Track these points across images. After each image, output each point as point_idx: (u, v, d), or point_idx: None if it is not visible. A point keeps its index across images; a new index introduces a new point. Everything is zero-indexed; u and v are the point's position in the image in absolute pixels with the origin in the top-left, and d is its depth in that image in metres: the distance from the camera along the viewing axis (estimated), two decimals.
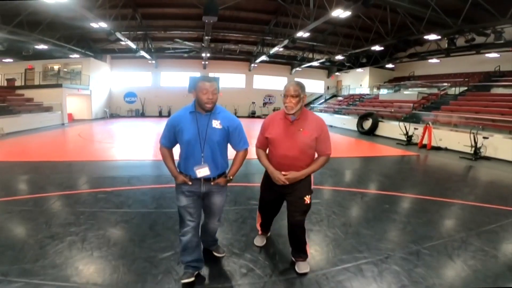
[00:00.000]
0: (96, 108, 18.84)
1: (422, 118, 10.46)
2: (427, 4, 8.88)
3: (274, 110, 22.88)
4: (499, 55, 12.72)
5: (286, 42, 13.04)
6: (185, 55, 18.78)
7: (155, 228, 3.07)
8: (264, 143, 2.20)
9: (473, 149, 7.97)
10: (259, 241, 2.70)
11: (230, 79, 22.12)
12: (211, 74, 21.63)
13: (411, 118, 11.67)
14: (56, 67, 17.67)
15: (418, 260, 2.54)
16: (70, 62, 17.42)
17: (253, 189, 4.36)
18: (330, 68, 22.81)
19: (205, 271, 2.28)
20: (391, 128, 11.61)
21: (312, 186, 2.23)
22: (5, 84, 15.84)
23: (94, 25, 9.85)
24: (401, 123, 10.81)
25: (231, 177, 2.13)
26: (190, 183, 2.02)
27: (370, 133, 12.76)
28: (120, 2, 10.78)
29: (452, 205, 4.25)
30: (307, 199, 2.15)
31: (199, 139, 1.96)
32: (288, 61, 21.48)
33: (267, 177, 2.27)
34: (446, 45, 10.94)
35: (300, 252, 2.31)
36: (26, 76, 16.70)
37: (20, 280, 2.09)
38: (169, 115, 21.30)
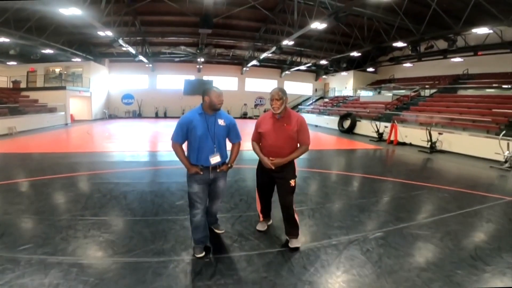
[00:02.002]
0: (96, 109, 19.81)
1: (392, 118, 11.78)
2: (396, 13, 10.14)
3: (265, 111, 24.10)
4: (462, 60, 14.13)
5: (273, 49, 14.29)
6: (177, 59, 19.86)
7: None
8: (257, 137, 2.77)
9: (429, 143, 9.31)
10: (261, 226, 3.06)
11: (223, 82, 23.25)
12: (205, 77, 22.77)
13: (383, 117, 13.03)
14: (57, 70, 18.60)
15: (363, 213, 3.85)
16: (71, 65, 18.36)
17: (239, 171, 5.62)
18: (318, 71, 24.15)
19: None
20: (367, 127, 12.93)
21: (296, 172, 2.74)
22: (11, 86, 16.72)
23: (101, 33, 10.89)
24: (373, 122, 12.16)
25: (232, 164, 2.68)
26: (201, 172, 2.49)
27: (349, 132, 14.08)
28: (122, 10, 11.80)
29: (397, 183, 5.71)
30: (292, 182, 2.67)
31: (209, 134, 2.46)
32: (278, 65, 22.76)
33: (260, 165, 2.79)
34: (410, 52, 12.26)
35: (292, 231, 2.77)
36: (28, 78, 17.66)
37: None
38: (165, 116, 22.43)
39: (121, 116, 21.85)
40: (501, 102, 10.74)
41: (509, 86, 11.99)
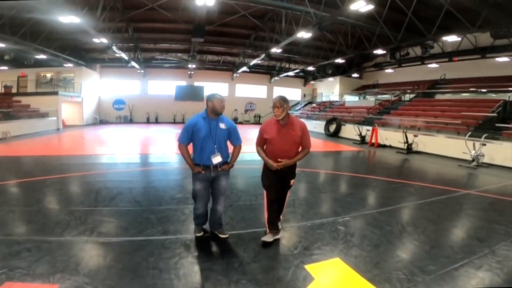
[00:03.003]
0: (87, 114, 19.95)
1: (374, 122, 12.58)
2: (378, 21, 10.78)
3: (255, 116, 24.79)
4: (439, 65, 15.10)
5: (262, 56, 14.96)
6: (168, 65, 20.33)
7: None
8: (262, 142, 2.96)
9: (406, 145, 10.09)
10: (268, 237, 2.95)
11: (214, 88, 23.73)
12: (196, 83, 23.25)
13: (366, 121, 13.83)
14: (48, 75, 18.74)
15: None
16: (62, 71, 18.51)
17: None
18: (306, 77, 24.99)
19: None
20: (351, 131, 13.70)
21: (296, 171, 3.05)
22: (3, 91, 16.78)
23: (96, 40, 11.28)
24: (356, 126, 12.93)
25: (232, 164, 2.93)
26: (203, 172, 2.77)
27: (335, 135, 14.83)
28: (117, 17, 12.20)
29: (372, 179, 6.44)
30: (291, 181, 3.01)
31: (211, 136, 2.74)
32: (267, 71, 23.48)
33: (266, 171, 2.96)
34: (389, 58, 13.11)
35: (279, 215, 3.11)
36: (19, 83, 17.73)
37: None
38: (156, 121, 22.73)
39: (112, 121, 21.99)
40: (472, 106, 11.67)
41: (484, 90, 12.93)
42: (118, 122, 22.21)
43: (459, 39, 11.64)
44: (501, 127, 9.26)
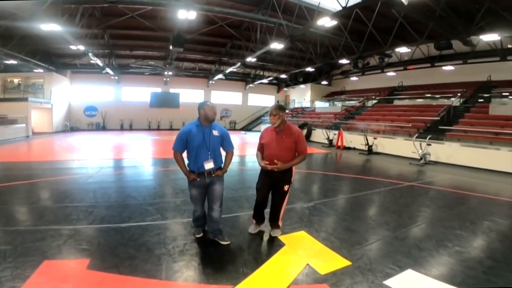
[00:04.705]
0: (56, 121, 19.47)
1: (341, 126, 13.86)
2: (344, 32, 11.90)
3: (230, 123, 25.45)
4: (395, 74, 16.84)
5: (238, 64, 15.77)
6: (145, 72, 20.48)
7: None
8: (260, 148, 3.15)
9: (367, 147, 11.36)
10: (253, 228, 3.33)
11: (189, 95, 24.16)
12: (171, 90, 23.51)
13: (333, 126, 15.11)
14: (16, 80, 18.14)
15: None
16: (31, 76, 18.04)
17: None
18: (280, 84, 26.19)
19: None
20: (320, 135, 14.88)
21: (292, 178, 3.16)
22: None
23: (73, 47, 11.40)
24: (324, 130, 14.14)
25: (226, 170, 3.03)
26: (198, 179, 2.88)
27: (306, 139, 15.70)
28: (94, 24, 12.32)
29: (341, 177, 7.51)
30: (285, 187, 3.09)
31: (205, 144, 2.84)
32: (242, 78, 24.36)
33: (260, 174, 3.17)
34: (352, 67, 14.49)
35: (275, 223, 3.30)
36: None
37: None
38: (130, 128, 22.61)
39: (84, 128, 21.57)
40: (423, 111, 13.33)
41: (438, 96, 14.62)
42: (90, 129, 21.80)
43: (409, 50, 13.23)
44: (444, 129, 10.80)
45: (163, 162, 8.75)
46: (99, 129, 21.86)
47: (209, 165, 2.86)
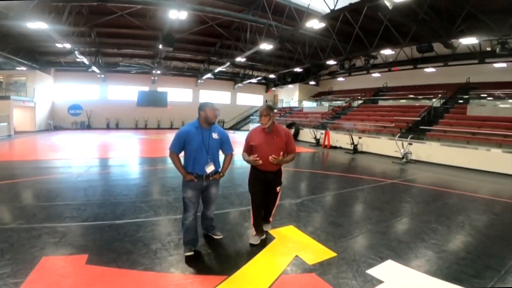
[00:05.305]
0: (39, 119, 18.96)
1: (327, 126, 14.20)
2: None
3: (218, 122, 25.27)
4: (380, 75, 17.35)
5: (228, 64, 15.85)
6: (129, 70, 20.23)
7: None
8: (248, 149, 3.06)
9: (352, 146, 11.72)
10: (254, 240, 3.11)
11: (178, 94, 24.01)
12: (159, 89, 23.30)
13: (320, 126, 15.46)
14: None
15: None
16: (13, 74, 17.50)
17: None
18: (268, 84, 26.42)
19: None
20: (308, 134, 15.19)
21: (282, 178, 3.20)
22: None
23: (59, 45, 11.19)
24: (312, 130, 14.45)
25: (223, 173, 2.94)
26: (195, 180, 2.76)
27: (294, 138, 16.16)
28: (81, 22, 12.11)
29: (328, 175, 7.70)
30: (277, 188, 3.10)
31: (203, 147, 2.71)
32: (231, 78, 24.43)
33: (252, 176, 3.09)
34: (338, 68, 14.87)
35: (266, 220, 3.35)
36: None
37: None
38: (117, 127, 22.27)
39: (67, 127, 21.07)
40: (406, 111, 13.83)
41: (420, 97, 15.15)
42: (75, 128, 21.33)
43: (394, 52, 13.70)
44: (425, 129, 11.29)
45: (151, 161, 8.79)
46: (84, 128, 21.43)
47: (209, 169, 2.77)
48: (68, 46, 11.42)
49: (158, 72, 19.95)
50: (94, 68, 17.77)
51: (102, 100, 22.26)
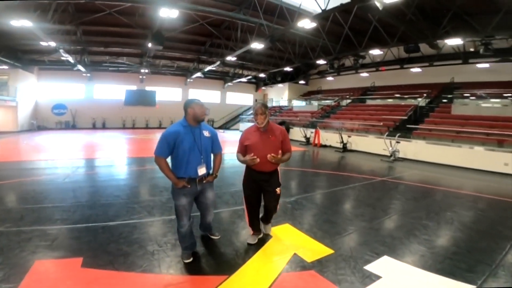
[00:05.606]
0: (22, 119, 18.30)
1: (317, 125, 14.35)
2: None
3: (208, 121, 25.26)
4: (368, 75, 17.64)
5: (218, 63, 15.75)
6: (116, 69, 19.81)
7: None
8: (242, 150, 2.91)
9: (342, 144, 11.90)
10: (251, 239, 3.10)
11: (167, 93, 23.68)
12: (148, 88, 22.90)
13: (310, 124, 15.61)
14: None
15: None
16: None
17: None
18: (258, 83, 26.42)
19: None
20: (298, 133, 15.32)
21: (280, 180, 3.03)
22: None
23: (44, 43, 10.83)
24: (302, 129, 14.58)
25: (216, 174, 2.75)
26: (189, 186, 2.50)
27: None
28: (67, 20, 11.74)
29: (319, 173, 7.82)
30: (277, 190, 2.91)
31: (196, 146, 2.51)
32: (221, 77, 24.26)
33: (247, 177, 2.97)
34: (328, 68, 15.03)
35: (268, 221, 3.26)
36: None
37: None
38: (103, 127, 21.76)
39: (52, 127, 20.42)
40: (393, 110, 14.13)
41: (406, 97, 15.50)
42: (59, 128, 20.69)
43: (382, 52, 13.95)
44: (412, 128, 11.59)
45: (141, 161, 8.64)
46: (68, 128, 20.82)
47: (202, 170, 2.56)
48: (53, 44, 11.04)
49: (147, 71, 19.60)
50: (80, 67, 17.29)
51: (88, 99, 21.67)
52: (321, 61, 14.77)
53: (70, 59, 14.68)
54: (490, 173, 8.24)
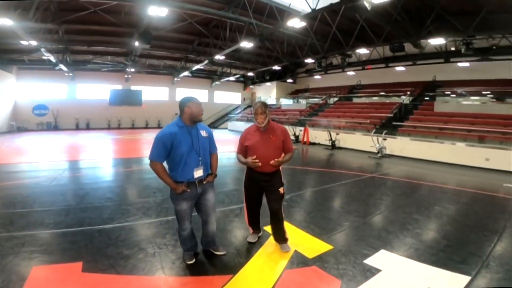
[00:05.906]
0: (1, 121, 17.56)
1: (306, 123, 14.52)
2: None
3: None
4: (355, 73, 17.95)
5: (206, 62, 15.60)
6: (104, 69, 19.31)
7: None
8: (242, 150, 2.82)
9: (331, 142, 12.10)
10: (251, 238, 3.10)
11: (153, 92, 23.25)
12: (133, 87, 22.41)
13: (299, 123, 15.77)
14: None
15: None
16: None
17: None
18: (246, 81, 26.37)
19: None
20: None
21: (282, 180, 2.90)
22: None
23: (25, 42, 10.40)
24: (290, 127, 14.71)
25: (216, 174, 2.66)
26: (188, 190, 2.39)
27: None
28: (48, 18, 11.29)
29: (310, 171, 8.01)
30: (281, 190, 2.80)
31: (194, 148, 2.39)
32: (208, 75, 24.06)
33: (249, 178, 2.90)
34: (316, 66, 15.22)
35: (280, 238, 2.95)
36: None
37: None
38: (87, 127, 21.14)
39: (33, 128, 19.66)
40: (379, 108, 14.48)
41: (391, 95, 15.89)
42: (40, 129, 19.95)
43: (368, 51, 14.25)
44: (397, 125, 11.92)
45: (130, 162, 8.49)
46: (50, 129, 20.10)
47: (198, 173, 2.44)
48: (34, 43, 10.63)
49: (132, 70, 19.18)
50: (62, 66, 16.72)
51: (70, 99, 20.96)
52: (309, 60, 14.92)
53: (52, 58, 14.17)
54: (472, 168, 8.60)
